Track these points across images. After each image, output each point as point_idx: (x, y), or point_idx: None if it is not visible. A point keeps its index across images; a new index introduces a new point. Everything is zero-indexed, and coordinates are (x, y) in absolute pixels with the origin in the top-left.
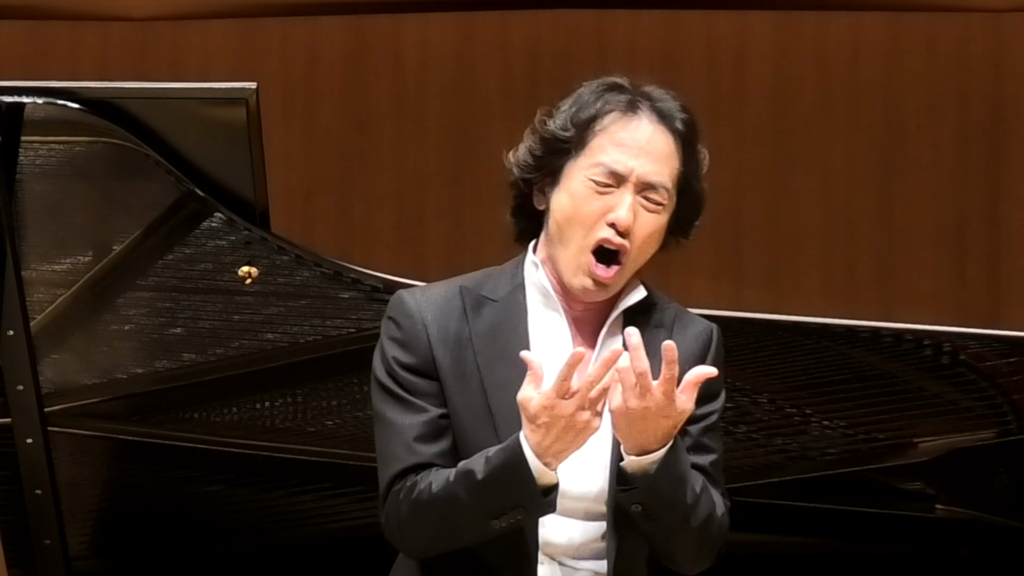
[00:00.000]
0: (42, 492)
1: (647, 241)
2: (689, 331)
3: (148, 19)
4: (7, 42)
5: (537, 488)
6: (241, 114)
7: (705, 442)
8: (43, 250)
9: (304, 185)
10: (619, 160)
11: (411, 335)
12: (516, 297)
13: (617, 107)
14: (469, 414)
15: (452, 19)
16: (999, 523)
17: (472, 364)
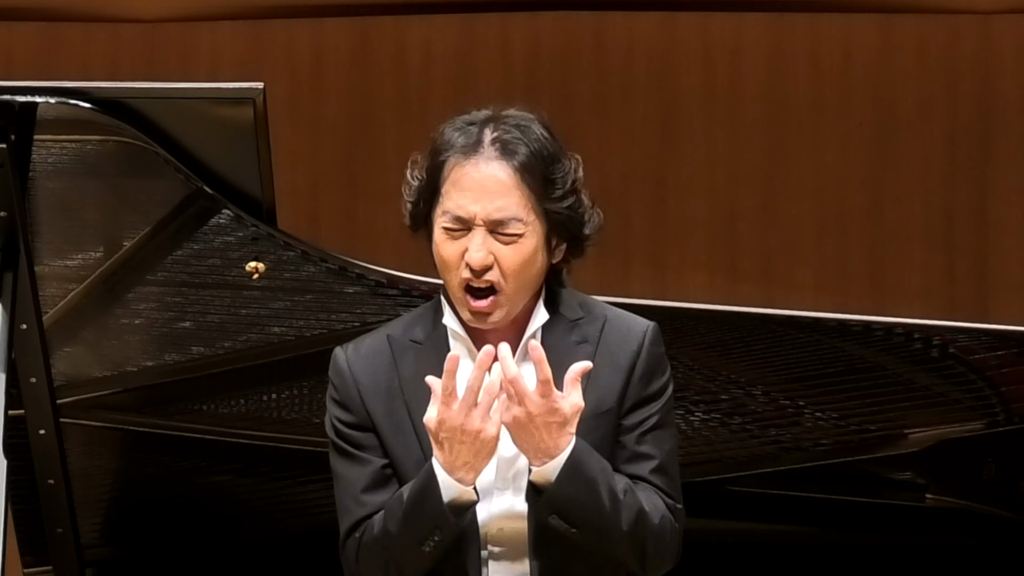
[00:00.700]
0: (54, 482)
1: (521, 269)
2: (618, 339)
3: (157, 20)
4: (20, 43)
5: (444, 507)
6: (248, 113)
7: (642, 451)
8: (55, 246)
9: (310, 182)
10: (461, 205)
11: (345, 394)
12: (439, 336)
13: (459, 152)
14: (408, 460)
15: (454, 21)
16: (988, 512)
17: (403, 412)
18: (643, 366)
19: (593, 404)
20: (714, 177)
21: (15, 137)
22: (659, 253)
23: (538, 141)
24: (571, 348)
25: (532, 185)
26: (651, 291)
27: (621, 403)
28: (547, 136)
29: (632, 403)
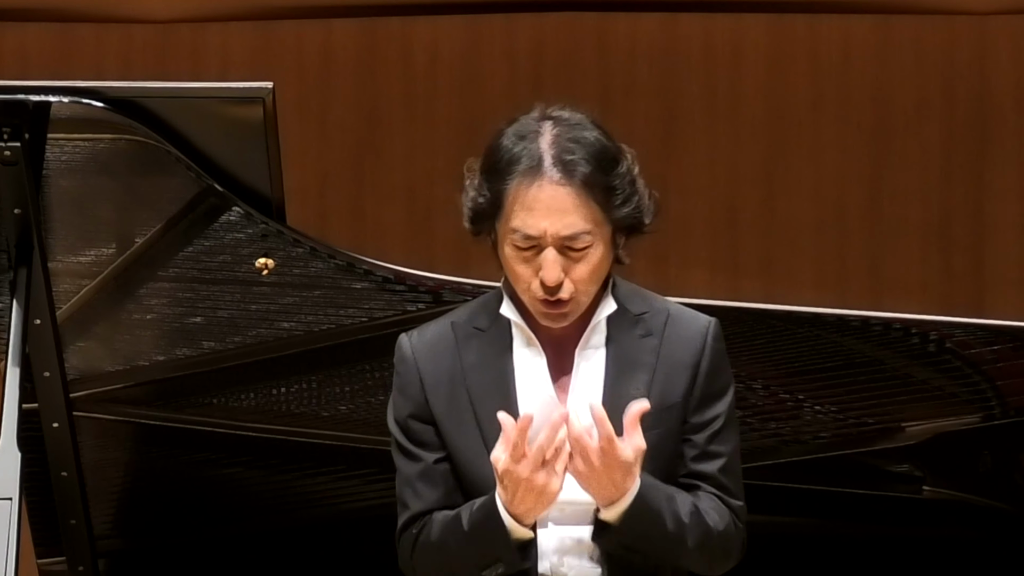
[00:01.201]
0: (67, 474)
1: (591, 278)
2: (682, 334)
3: (169, 22)
4: (34, 43)
5: (511, 544)
6: (258, 113)
7: (712, 449)
8: (69, 242)
9: (318, 180)
10: (531, 224)
11: (407, 381)
12: (501, 327)
13: (522, 172)
14: (468, 450)
15: (460, 21)
16: (983, 504)
17: (465, 399)
18: (708, 363)
19: (658, 399)
20: (715, 175)
21: (29, 136)
22: (661, 249)
23: (595, 149)
24: (636, 341)
25: (596, 197)
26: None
27: (687, 399)
28: (602, 139)
29: (700, 400)
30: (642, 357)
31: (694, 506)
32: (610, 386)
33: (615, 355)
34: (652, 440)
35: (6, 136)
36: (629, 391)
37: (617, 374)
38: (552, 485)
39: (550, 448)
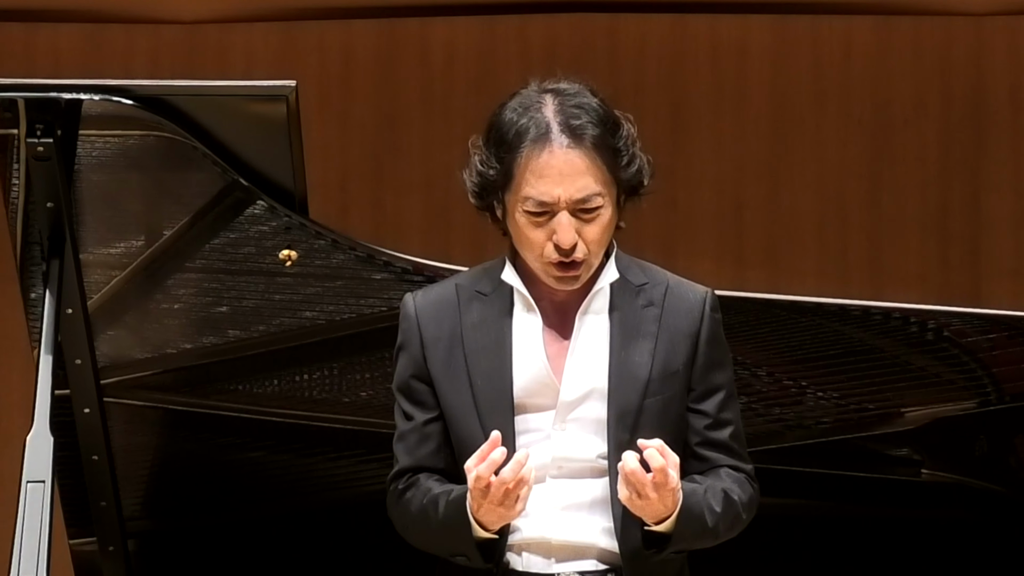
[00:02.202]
0: (98, 458)
1: (600, 238)
2: (681, 304)
3: (196, 22)
4: (66, 43)
5: (474, 544)
6: (281, 110)
7: (723, 417)
8: (99, 235)
9: (340, 175)
10: (545, 191)
11: (408, 337)
12: (503, 292)
13: (531, 141)
14: (459, 407)
15: (476, 22)
16: (980, 486)
17: (461, 359)
18: (707, 331)
19: (661, 365)
20: (721, 169)
21: (61, 132)
22: (669, 241)
23: (598, 115)
24: (638, 311)
25: (604, 159)
26: None
27: (691, 367)
28: (602, 106)
29: (703, 368)
30: (644, 326)
31: (723, 492)
32: (616, 354)
33: (620, 324)
34: (657, 406)
35: (39, 132)
36: (634, 359)
37: (622, 343)
38: (514, 509)
39: (513, 480)
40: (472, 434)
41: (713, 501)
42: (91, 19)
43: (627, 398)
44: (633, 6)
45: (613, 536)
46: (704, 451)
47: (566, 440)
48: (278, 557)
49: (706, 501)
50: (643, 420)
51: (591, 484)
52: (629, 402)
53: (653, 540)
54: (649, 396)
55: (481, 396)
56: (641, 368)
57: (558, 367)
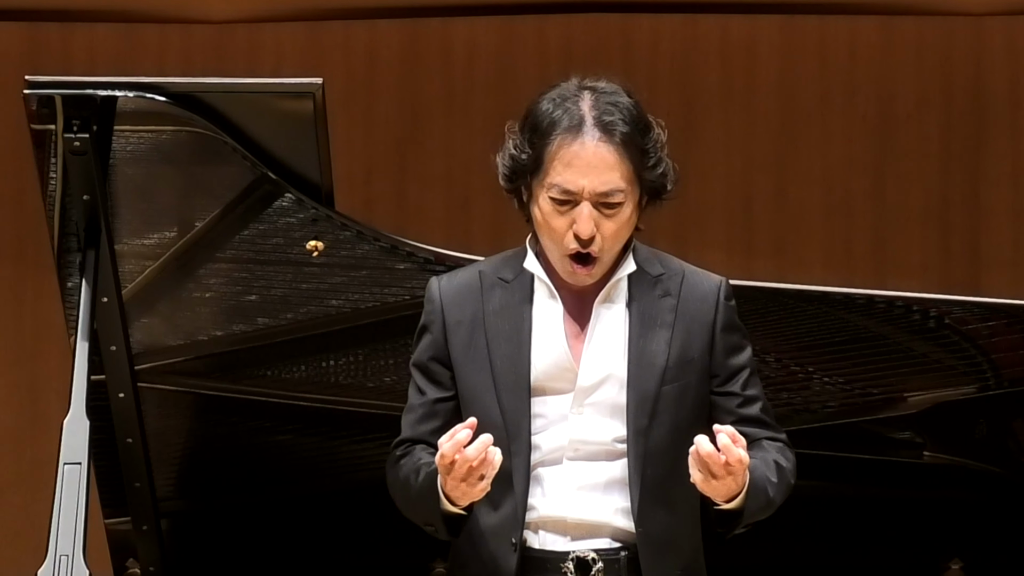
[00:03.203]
0: (132, 441)
1: (617, 234)
2: (696, 293)
3: (226, 22)
4: (101, 42)
5: (440, 516)
6: (308, 106)
7: (749, 394)
8: (133, 227)
9: (364, 169)
10: (570, 180)
11: (431, 319)
12: (524, 280)
13: (564, 130)
14: (477, 388)
15: (495, 22)
16: (980, 468)
17: (483, 342)
18: (723, 319)
19: (678, 353)
20: (731, 164)
21: (97, 128)
22: (681, 233)
23: (631, 114)
24: (656, 301)
25: (631, 157)
26: None
27: (710, 354)
28: (636, 107)
29: (723, 352)
30: (661, 316)
31: (774, 463)
32: (634, 343)
33: (638, 314)
34: (674, 393)
35: (76, 128)
36: (651, 348)
37: (640, 332)
38: (476, 487)
39: (476, 459)
40: (490, 415)
41: (769, 473)
42: (125, 19)
43: (645, 385)
44: (646, 6)
45: (626, 516)
46: (741, 428)
47: (583, 423)
48: (305, 536)
49: (765, 475)
50: (661, 406)
51: (606, 466)
52: (647, 389)
53: (723, 519)
54: (666, 383)
55: (500, 378)
56: (658, 356)
57: (576, 353)
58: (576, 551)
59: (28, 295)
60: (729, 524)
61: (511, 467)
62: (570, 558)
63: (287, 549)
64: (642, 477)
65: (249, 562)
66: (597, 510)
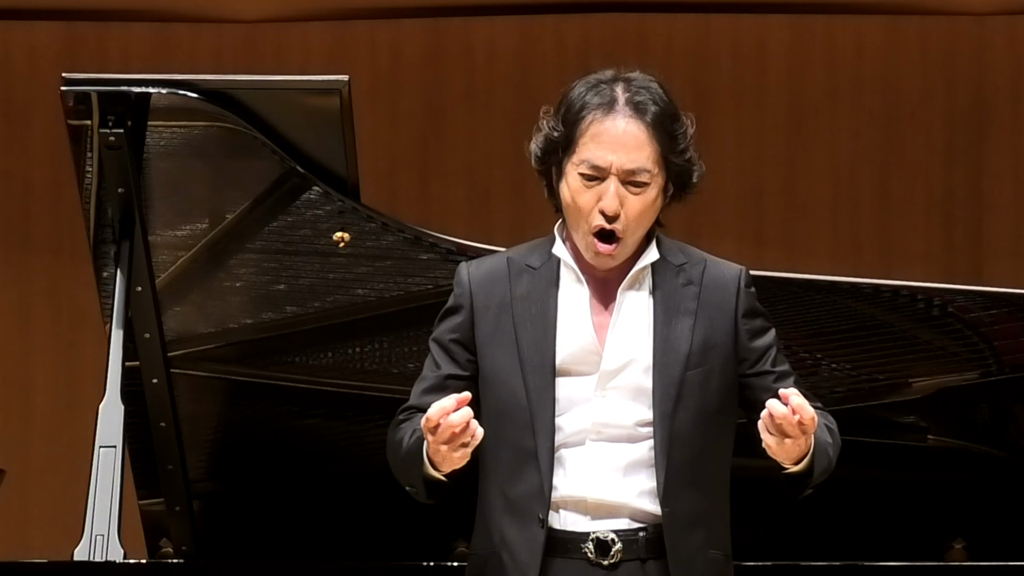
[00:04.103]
0: (165, 425)
1: (641, 215)
2: (718, 282)
3: (256, 21)
4: (136, 41)
5: (422, 479)
6: (335, 103)
7: (782, 370)
8: (166, 218)
9: (389, 163)
10: (600, 156)
11: (459, 302)
12: (551, 266)
13: (596, 108)
14: (503, 370)
15: (515, 22)
16: (981, 451)
17: (509, 325)
18: (744, 305)
19: (701, 340)
20: (742, 157)
21: (131, 123)
22: (694, 224)
23: (663, 101)
24: (678, 290)
25: (660, 140)
26: None
27: (735, 341)
28: (667, 97)
29: (748, 338)
30: (684, 303)
31: (826, 427)
32: (659, 330)
33: (662, 302)
34: (698, 378)
35: (111, 123)
36: (675, 334)
37: (664, 320)
38: (456, 454)
39: (459, 426)
40: (515, 395)
41: (825, 435)
42: (159, 19)
43: (670, 370)
44: (660, 6)
45: (646, 497)
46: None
47: (606, 406)
48: (331, 516)
49: (824, 437)
50: (685, 391)
51: (628, 448)
52: (672, 374)
53: (792, 482)
54: (691, 368)
55: (526, 360)
56: (682, 342)
57: (601, 336)
58: (596, 532)
59: (65, 285)
60: (799, 486)
61: (535, 446)
62: (590, 538)
63: (313, 529)
64: (668, 459)
65: (277, 541)
66: (617, 491)
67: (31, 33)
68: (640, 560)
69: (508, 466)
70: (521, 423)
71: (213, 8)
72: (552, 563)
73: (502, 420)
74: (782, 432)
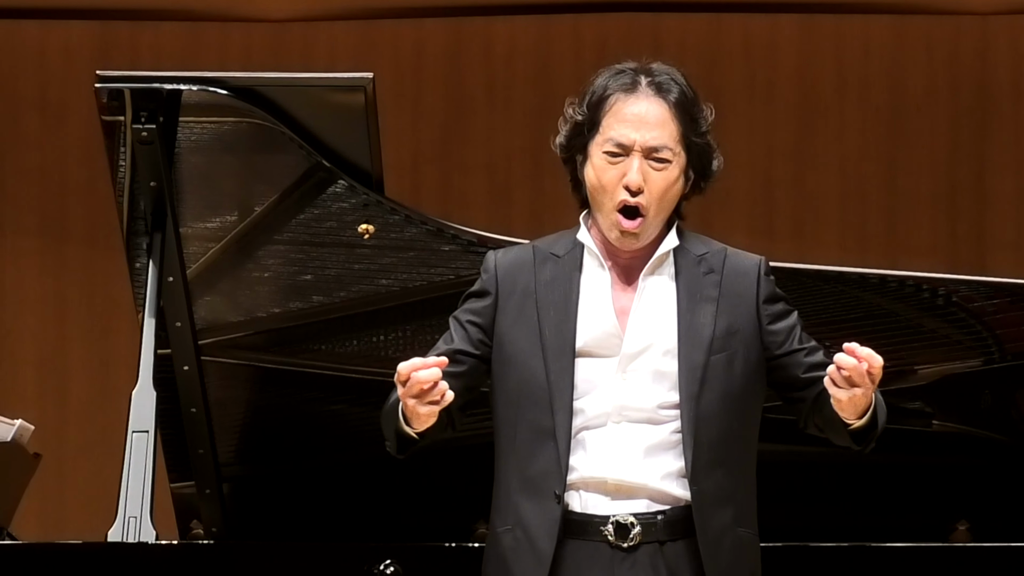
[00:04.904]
0: (196, 410)
1: (664, 193)
2: (738, 270)
3: (283, 21)
4: (167, 40)
5: (394, 433)
6: (360, 99)
7: (811, 345)
8: (197, 211)
9: (412, 158)
10: (624, 133)
11: (485, 287)
12: (575, 254)
13: (620, 89)
14: (525, 352)
15: (534, 20)
16: (984, 436)
17: (532, 309)
18: (764, 292)
19: (725, 325)
20: (753, 152)
21: (163, 119)
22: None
23: (684, 85)
24: (700, 278)
25: (681, 120)
26: None
27: (758, 326)
28: (688, 83)
29: (772, 321)
30: (706, 291)
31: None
32: (683, 316)
33: (685, 289)
34: (722, 362)
35: (143, 119)
36: (699, 320)
37: (688, 306)
38: (422, 409)
39: (427, 382)
40: (535, 376)
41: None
42: (190, 18)
43: (694, 355)
44: (675, 6)
45: (667, 479)
46: (816, 373)
47: (627, 389)
48: (356, 498)
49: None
50: (710, 374)
51: (650, 430)
52: (696, 359)
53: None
54: (714, 353)
55: (548, 343)
56: (705, 328)
57: (622, 320)
58: (615, 515)
59: (99, 275)
60: (866, 439)
61: (554, 425)
62: (610, 521)
63: (338, 510)
64: (696, 440)
65: (303, 522)
66: (638, 472)
67: (66, 32)
68: (659, 543)
69: (526, 445)
70: (541, 403)
71: (242, 8)
72: (572, 545)
73: (522, 401)
74: (851, 383)
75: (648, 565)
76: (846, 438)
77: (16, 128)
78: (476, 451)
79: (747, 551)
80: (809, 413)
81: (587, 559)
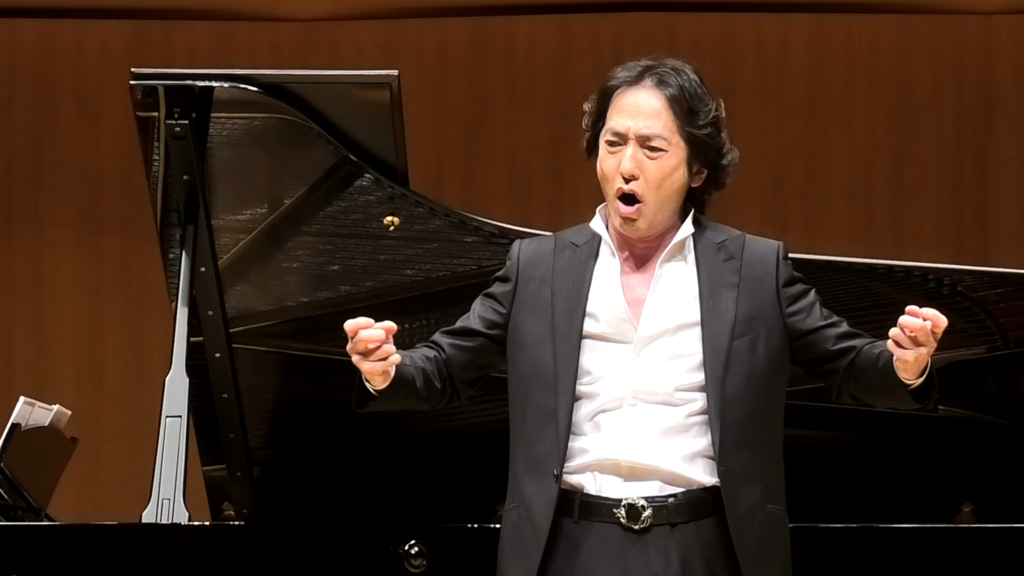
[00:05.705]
0: (228, 396)
1: (661, 181)
2: (757, 256)
3: (312, 20)
4: (199, 38)
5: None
6: (386, 96)
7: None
8: (228, 204)
9: (436, 152)
10: (620, 123)
11: (508, 273)
12: (592, 244)
13: (624, 82)
14: (535, 335)
15: (553, 20)
16: (989, 420)
17: (547, 295)
18: (783, 276)
19: (746, 310)
20: (765, 148)
21: (196, 115)
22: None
23: (688, 80)
24: (720, 264)
25: (678, 112)
26: None
27: (779, 309)
28: (696, 80)
29: (792, 302)
30: (727, 276)
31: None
32: (705, 301)
33: (706, 276)
34: (745, 345)
35: (176, 115)
36: (721, 306)
37: (710, 292)
38: (363, 365)
39: (373, 342)
40: (544, 359)
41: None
42: (221, 17)
43: (718, 339)
44: (688, 6)
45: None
46: (845, 343)
47: (642, 372)
48: (380, 481)
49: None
50: (734, 357)
51: (665, 412)
52: (720, 343)
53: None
54: (737, 337)
55: (557, 328)
56: (727, 313)
57: (635, 305)
58: (628, 498)
59: (134, 265)
60: (927, 397)
61: (557, 407)
62: (623, 504)
63: (364, 493)
64: (722, 421)
65: (331, 504)
66: (652, 454)
67: (102, 31)
68: (670, 525)
69: (533, 427)
70: (548, 386)
71: (272, 7)
72: (586, 527)
73: (531, 384)
74: (917, 343)
75: (660, 547)
76: (905, 398)
77: (54, 124)
78: (497, 435)
79: (777, 527)
80: (843, 381)
81: (601, 541)
